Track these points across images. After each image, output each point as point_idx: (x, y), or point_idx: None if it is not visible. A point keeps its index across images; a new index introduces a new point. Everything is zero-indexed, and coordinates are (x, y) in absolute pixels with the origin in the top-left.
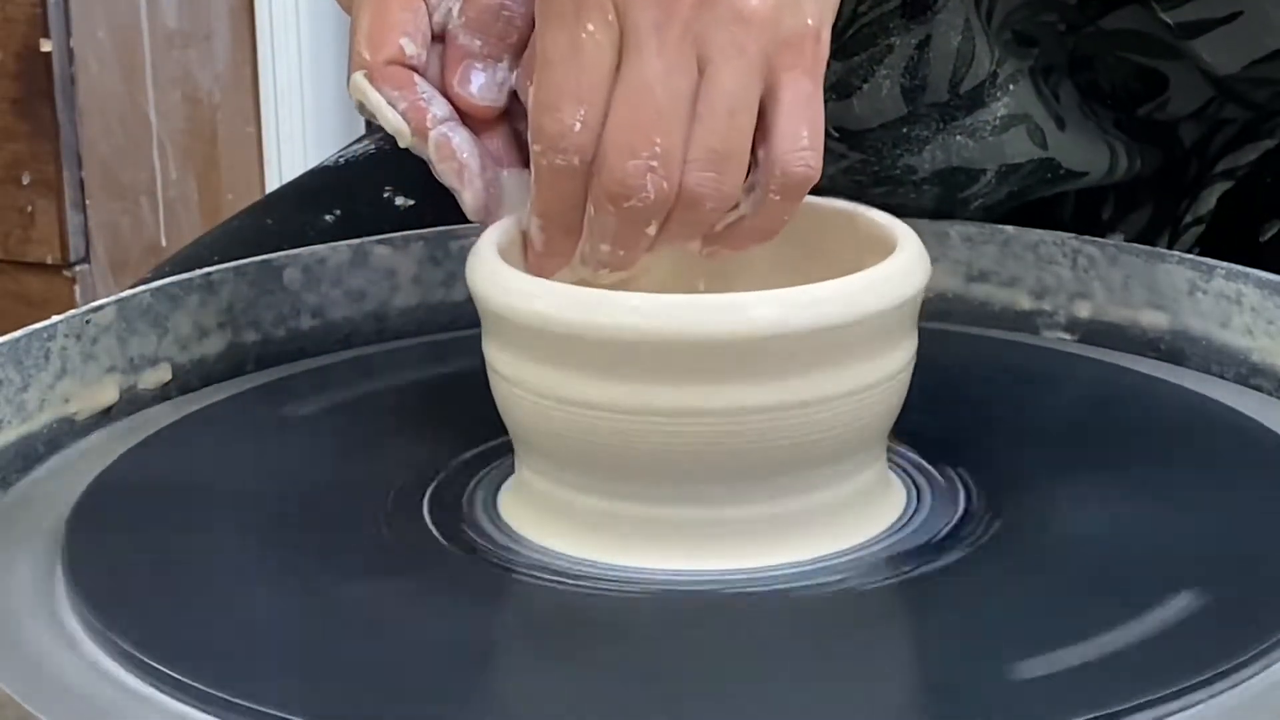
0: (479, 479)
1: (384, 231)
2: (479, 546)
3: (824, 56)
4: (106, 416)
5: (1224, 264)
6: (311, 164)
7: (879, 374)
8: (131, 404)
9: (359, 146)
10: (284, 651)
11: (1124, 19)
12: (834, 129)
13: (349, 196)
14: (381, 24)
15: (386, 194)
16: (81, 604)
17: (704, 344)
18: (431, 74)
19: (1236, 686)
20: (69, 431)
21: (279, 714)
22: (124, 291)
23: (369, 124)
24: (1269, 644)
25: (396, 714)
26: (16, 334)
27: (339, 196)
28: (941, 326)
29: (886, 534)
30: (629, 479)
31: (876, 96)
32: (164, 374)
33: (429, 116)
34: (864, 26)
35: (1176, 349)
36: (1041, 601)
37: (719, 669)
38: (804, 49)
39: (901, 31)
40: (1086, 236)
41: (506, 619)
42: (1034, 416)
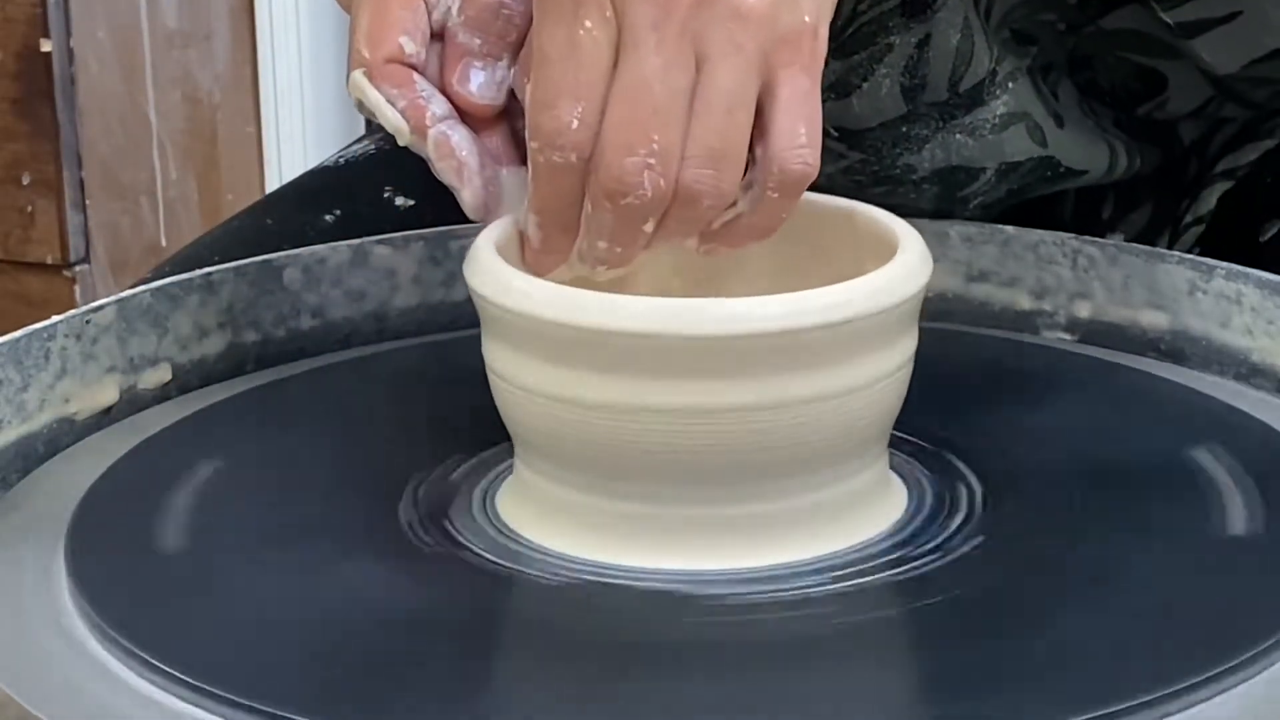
0: (478, 479)
1: (384, 231)
2: (478, 546)
3: (822, 54)
4: (106, 416)
5: (1224, 264)
6: (311, 164)
7: (879, 374)
8: (131, 404)
9: (359, 146)
10: (284, 651)
11: (1123, 18)
12: (833, 128)
13: (349, 196)
14: (381, 22)
15: (386, 194)
16: (82, 603)
17: (704, 344)
18: (431, 72)
19: (1236, 686)
20: (69, 431)
21: (280, 713)
22: (124, 291)
23: (369, 124)
24: (1269, 644)
25: (396, 713)
26: (16, 334)
27: (339, 196)
28: (941, 326)
29: (886, 534)
30: (628, 479)
31: (876, 95)
32: (164, 374)
33: (428, 115)
34: (863, 25)
35: (1176, 349)
36: (1042, 601)
37: (719, 669)
38: (801, 46)
39: (901, 30)
40: (1086, 236)
41: (506, 619)
42: (1034, 416)
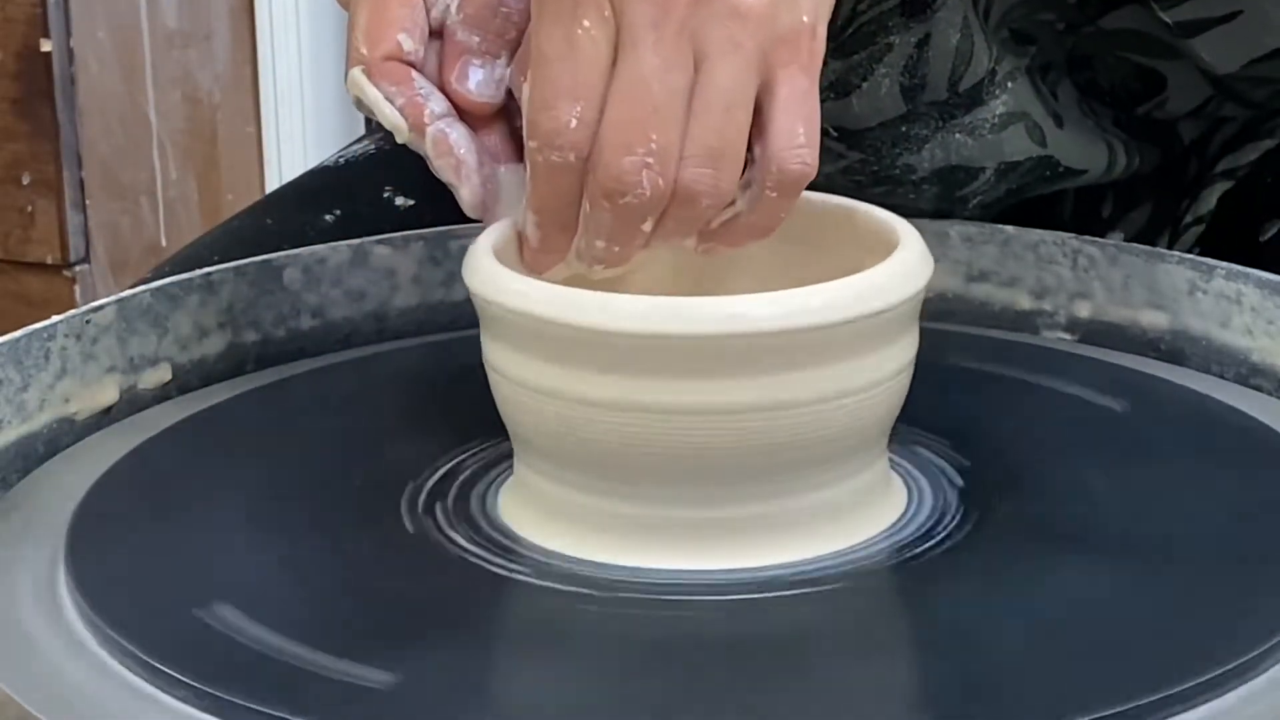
0: (478, 479)
1: (384, 231)
2: (477, 547)
3: (820, 53)
4: (106, 416)
5: (1224, 264)
6: (311, 164)
7: (879, 374)
8: (131, 404)
9: (359, 146)
10: (284, 651)
11: (1123, 18)
12: (833, 128)
13: (349, 196)
14: (380, 20)
15: (386, 194)
16: (82, 603)
17: (703, 343)
18: (429, 70)
19: (1236, 686)
20: (69, 431)
21: (279, 714)
22: (124, 291)
23: (369, 124)
24: (1269, 644)
25: (394, 712)
26: (16, 334)
27: (339, 196)
28: (941, 326)
29: (887, 533)
30: (628, 479)
31: (875, 95)
32: (164, 374)
33: (426, 112)
34: (863, 25)
35: (1176, 349)
36: (1042, 601)
37: (719, 669)
38: (800, 45)
39: (901, 30)
40: (1086, 236)
41: (506, 619)
42: (1034, 416)
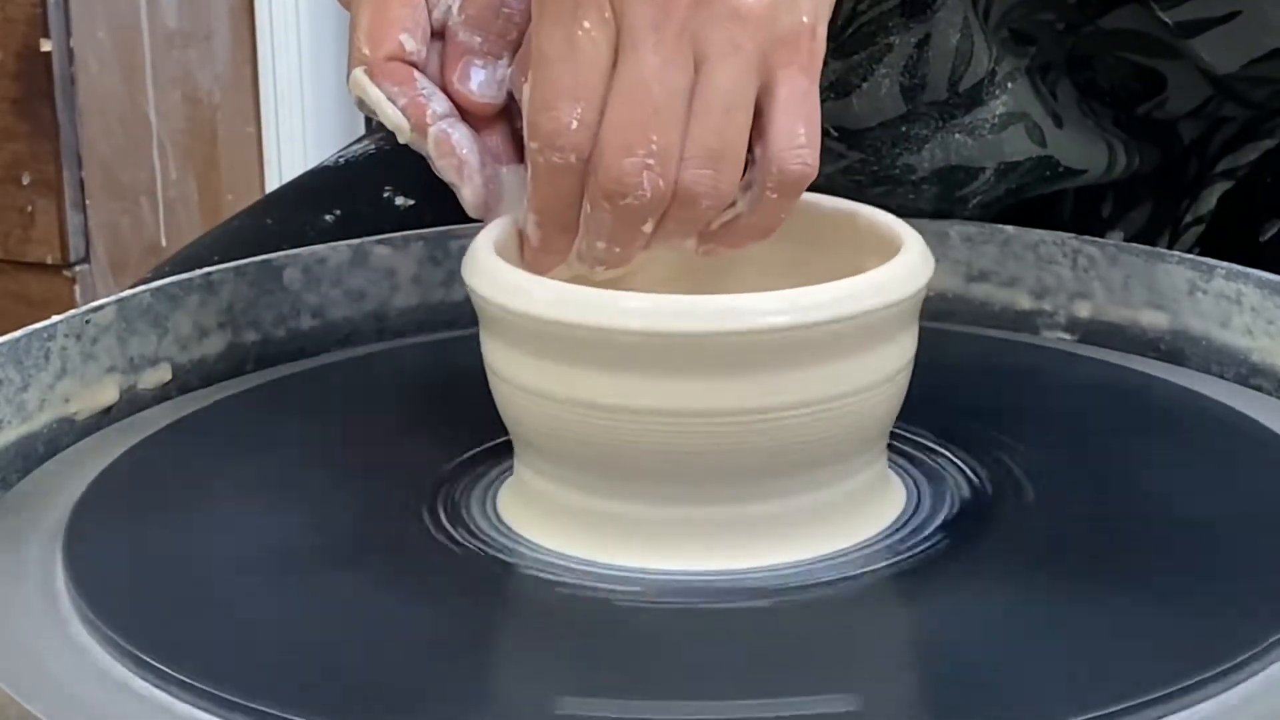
0: (478, 479)
1: (384, 231)
2: (478, 546)
3: (820, 54)
4: (106, 416)
5: (1224, 264)
6: (311, 164)
7: (879, 374)
8: (131, 404)
9: (359, 146)
10: (284, 651)
11: (1122, 18)
12: (833, 128)
13: (349, 196)
14: (381, 20)
15: (386, 194)
16: (82, 603)
17: (703, 342)
18: (431, 70)
19: (1236, 686)
20: (69, 431)
21: (279, 713)
22: (124, 291)
23: (369, 124)
24: (1268, 644)
25: (395, 713)
26: (16, 334)
27: (339, 196)
28: (941, 326)
29: (887, 533)
30: (628, 479)
31: (876, 95)
32: (164, 374)
33: (428, 113)
34: (863, 25)
35: (1176, 349)
36: (1041, 600)
37: (719, 669)
38: (800, 46)
39: (901, 30)
40: (1086, 236)
41: (506, 619)
42: (1034, 416)
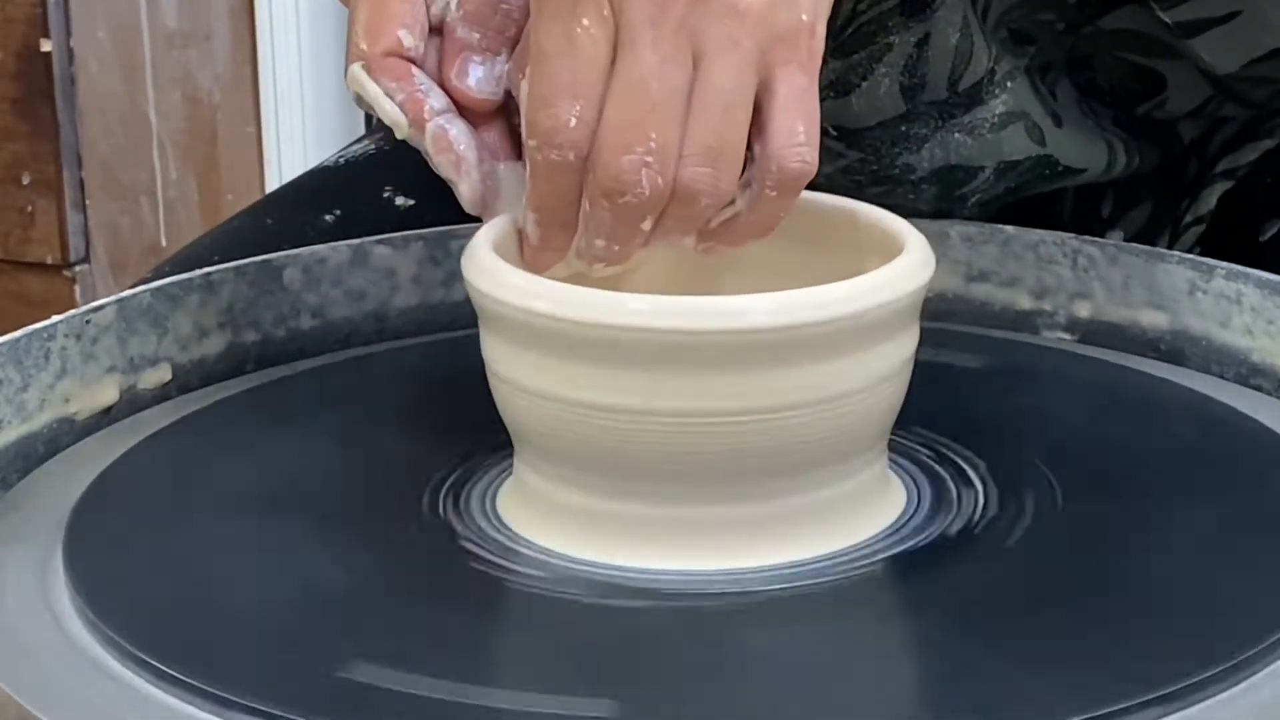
0: (478, 478)
1: (384, 231)
2: (478, 546)
3: (819, 51)
4: (106, 416)
5: (1224, 264)
6: (311, 164)
7: (880, 373)
8: (131, 404)
9: (359, 146)
10: (284, 650)
11: (1122, 19)
12: (832, 128)
13: (349, 196)
14: (379, 15)
15: (386, 194)
16: (82, 603)
17: (704, 343)
18: (429, 67)
19: (1236, 686)
20: (69, 431)
21: (279, 713)
22: (124, 291)
23: (369, 124)
24: (1269, 644)
25: (395, 712)
26: (16, 334)
27: (339, 196)
28: (941, 326)
29: (887, 533)
30: (628, 479)
31: (875, 94)
32: (164, 374)
33: (426, 108)
34: (863, 25)
35: (1176, 349)
36: (1041, 600)
37: (719, 668)
38: (799, 44)
39: (900, 29)
40: (1086, 236)
41: (505, 618)
42: (1034, 416)
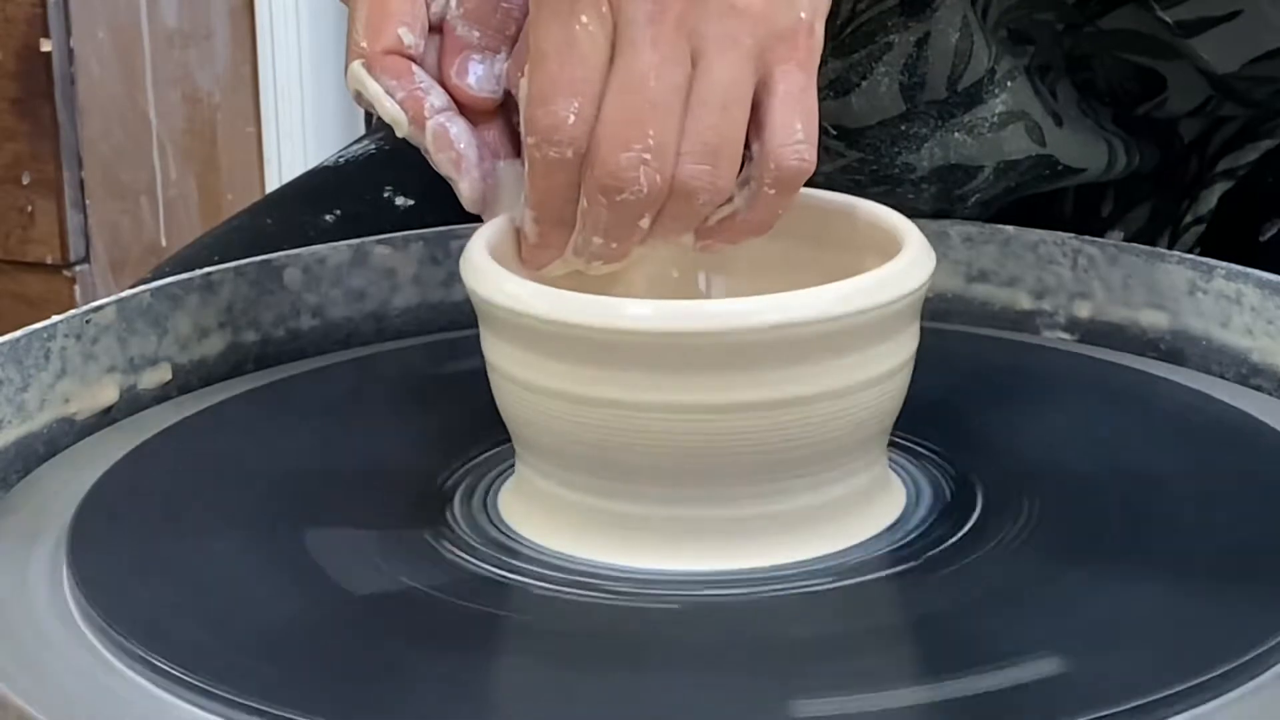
0: (478, 478)
1: (384, 231)
2: (478, 546)
3: (817, 50)
4: (106, 416)
5: (1224, 264)
6: (311, 164)
7: (880, 373)
8: (131, 404)
9: (359, 146)
10: (284, 650)
11: (1122, 18)
12: (832, 127)
13: (349, 196)
14: (380, 13)
15: (386, 194)
16: (83, 603)
17: (703, 344)
18: (429, 65)
19: (1237, 687)
20: (69, 431)
21: (281, 713)
22: (124, 291)
23: (369, 124)
24: (1269, 644)
25: (396, 713)
26: (16, 334)
27: (339, 196)
28: (941, 326)
29: (886, 533)
30: (628, 479)
31: (875, 94)
32: (164, 374)
33: (426, 106)
34: (862, 24)
35: (1176, 349)
36: (1041, 600)
37: (719, 668)
38: (797, 42)
39: (900, 29)
40: (1086, 236)
41: (506, 618)
42: (1034, 416)
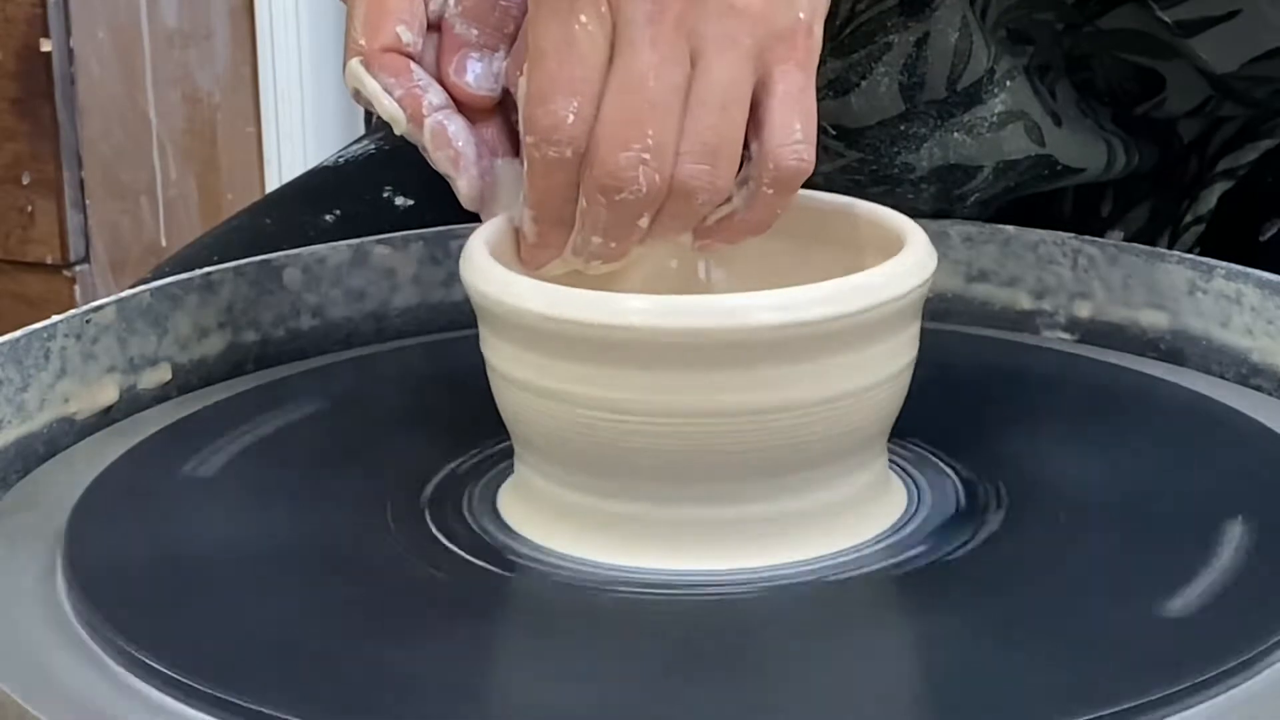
0: (478, 478)
1: (384, 231)
2: (478, 545)
3: (816, 50)
4: (106, 416)
5: (1224, 264)
6: (311, 164)
7: (881, 372)
8: (131, 404)
9: (359, 146)
10: (284, 651)
11: (1121, 18)
12: (831, 127)
13: (349, 196)
14: (378, 11)
15: (386, 194)
16: (81, 604)
17: (704, 343)
18: (427, 62)
19: (1237, 686)
20: (69, 431)
21: (279, 714)
22: (124, 291)
23: (369, 123)
24: (1269, 644)
25: (396, 713)
26: (16, 334)
27: (339, 196)
28: (941, 326)
29: (887, 534)
30: (628, 478)
31: (874, 94)
32: (164, 374)
33: (425, 104)
34: (862, 24)
35: (1176, 349)
36: (1042, 601)
37: (719, 669)
38: (796, 42)
39: (900, 29)
40: (1087, 236)
41: (504, 618)
42: (1034, 416)
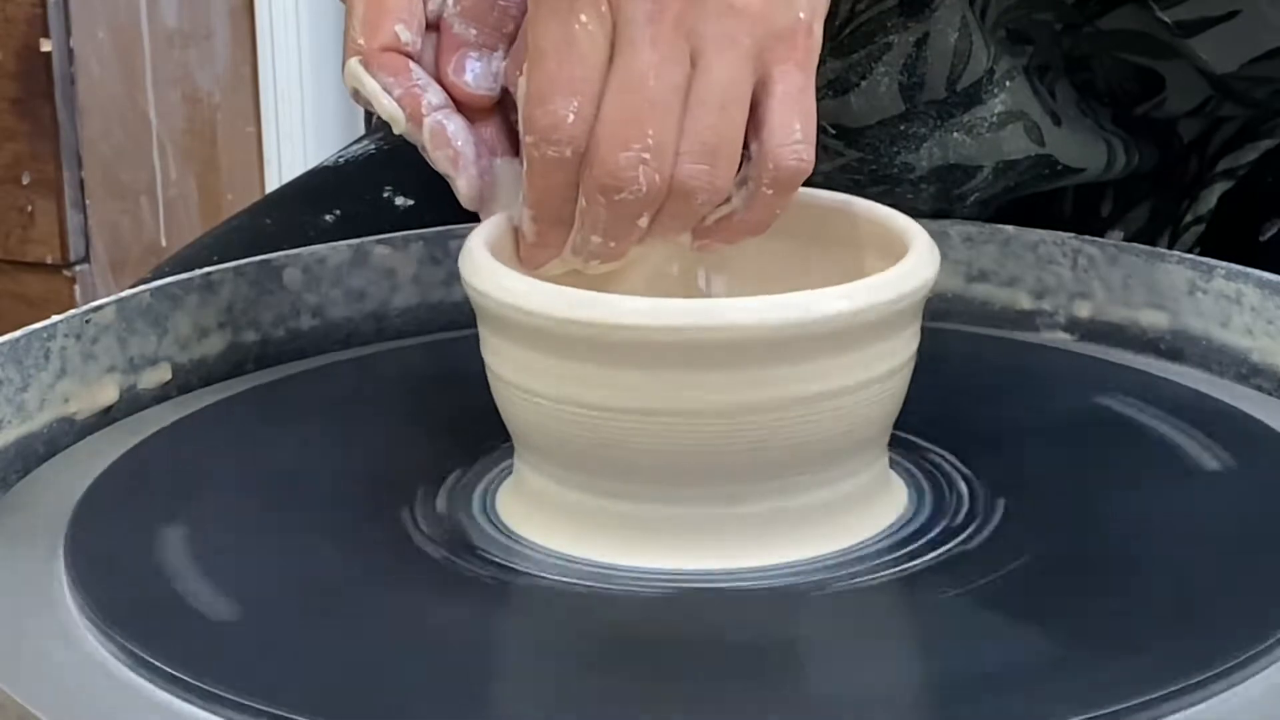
0: (478, 478)
1: (384, 231)
2: (478, 545)
3: (816, 50)
4: (106, 416)
5: (1224, 264)
6: (311, 164)
7: (880, 372)
8: (131, 404)
9: (359, 146)
10: (283, 651)
11: (1121, 18)
12: (831, 127)
13: (349, 196)
14: (377, 10)
15: (386, 194)
16: (82, 603)
17: (703, 344)
18: (426, 62)
19: (1236, 686)
20: (69, 431)
21: (280, 713)
22: (124, 291)
23: (369, 124)
24: (1269, 644)
25: (397, 714)
26: (16, 334)
27: (339, 196)
28: (941, 326)
29: (887, 533)
30: (628, 478)
31: (874, 94)
32: (164, 374)
33: (424, 103)
34: (862, 24)
35: (1176, 349)
36: (1042, 600)
37: (719, 669)
38: (796, 42)
39: (899, 29)
40: (1086, 236)
41: (504, 618)
42: (1034, 416)
